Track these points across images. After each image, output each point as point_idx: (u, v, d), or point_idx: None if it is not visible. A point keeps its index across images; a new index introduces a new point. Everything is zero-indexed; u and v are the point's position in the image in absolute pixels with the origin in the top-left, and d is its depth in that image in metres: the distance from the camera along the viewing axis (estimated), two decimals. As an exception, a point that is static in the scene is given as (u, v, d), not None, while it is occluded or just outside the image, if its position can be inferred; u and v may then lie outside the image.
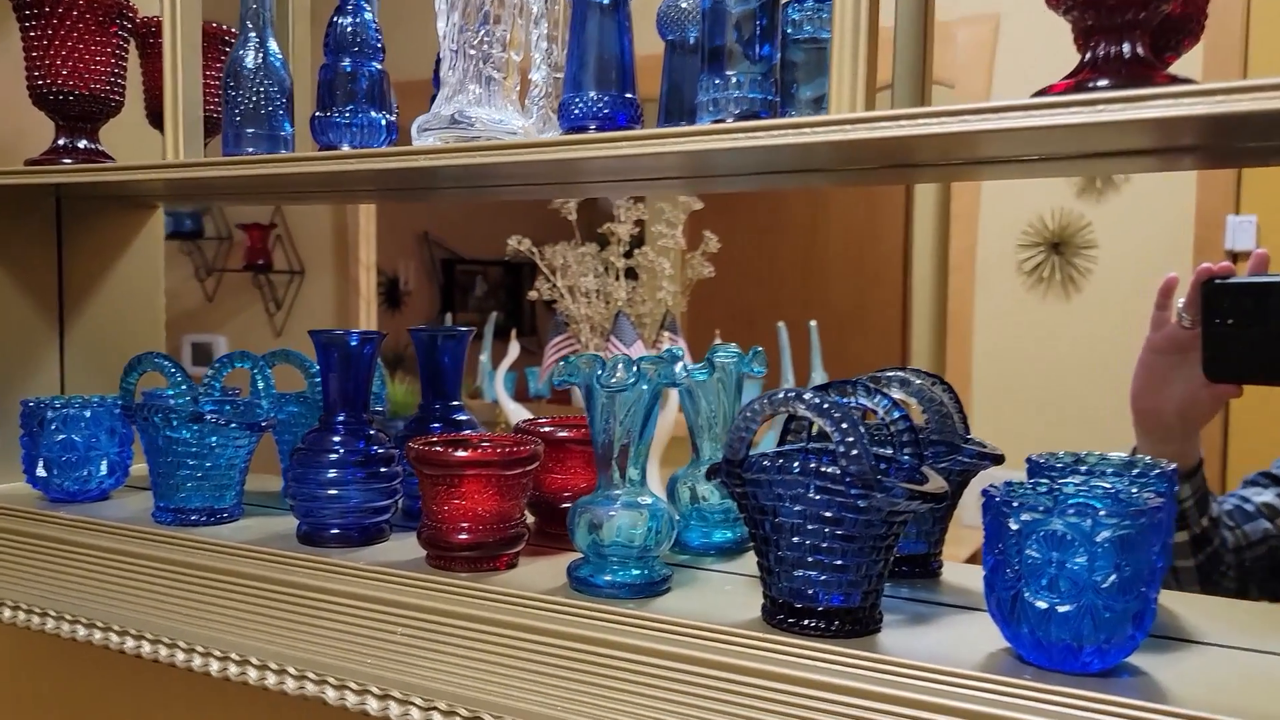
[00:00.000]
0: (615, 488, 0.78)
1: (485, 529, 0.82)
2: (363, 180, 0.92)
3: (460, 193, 0.98)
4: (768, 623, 0.70)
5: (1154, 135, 0.61)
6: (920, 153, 0.71)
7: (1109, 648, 0.60)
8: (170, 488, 0.94)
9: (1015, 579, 0.61)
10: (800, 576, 0.68)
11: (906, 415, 0.72)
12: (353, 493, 0.88)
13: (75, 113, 1.00)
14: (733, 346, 0.90)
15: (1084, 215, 2.57)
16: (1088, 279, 2.58)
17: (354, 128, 0.84)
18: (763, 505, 0.68)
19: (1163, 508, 0.61)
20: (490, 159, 0.74)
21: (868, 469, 0.64)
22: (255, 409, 0.96)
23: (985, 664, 0.63)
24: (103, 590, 0.92)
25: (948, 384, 0.82)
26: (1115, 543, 0.59)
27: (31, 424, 1.01)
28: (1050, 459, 0.75)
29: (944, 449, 0.79)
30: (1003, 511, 0.62)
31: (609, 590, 0.76)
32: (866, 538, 0.66)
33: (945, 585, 0.80)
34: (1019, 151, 0.70)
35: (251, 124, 0.89)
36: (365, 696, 0.76)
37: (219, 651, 0.83)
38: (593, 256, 2.02)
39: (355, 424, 0.90)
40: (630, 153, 0.70)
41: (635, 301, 2.06)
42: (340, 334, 0.88)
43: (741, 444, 0.69)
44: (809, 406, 0.66)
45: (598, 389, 0.76)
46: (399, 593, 0.80)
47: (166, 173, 0.88)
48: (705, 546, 0.89)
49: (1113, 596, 0.59)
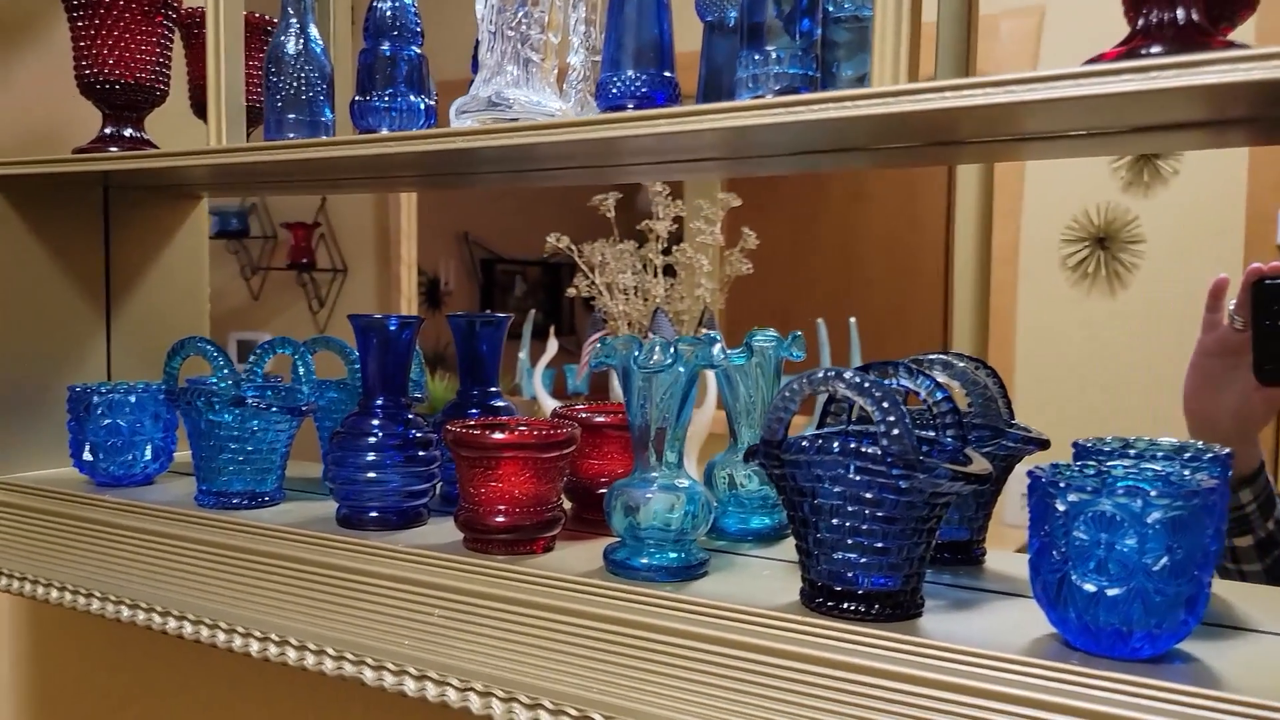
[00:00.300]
0: (652, 471, 0.77)
1: (522, 512, 0.82)
2: (403, 166, 0.92)
3: (499, 178, 0.98)
4: (806, 606, 0.69)
5: (1207, 105, 0.59)
6: (964, 128, 0.70)
7: (1160, 633, 0.58)
8: (212, 471, 0.95)
9: (1062, 561, 0.60)
10: (840, 559, 0.67)
11: (949, 397, 0.71)
12: (391, 476, 0.89)
13: (121, 102, 1.01)
14: (771, 331, 0.89)
15: (1130, 209, 2.52)
16: (1134, 274, 2.53)
17: (393, 112, 0.85)
18: (801, 487, 0.67)
19: (1216, 489, 0.59)
20: (528, 139, 0.73)
21: (909, 448, 0.63)
22: (296, 394, 0.97)
23: (1031, 649, 0.62)
24: (147, 572, 0.93)
25: (992, 368, 0.81)
26: (1167, 524, 0.57)
27: (78, 409, 1.02)
28: (1097, 443, 0.73)
29: (988, 433, 0.78)
30: (1049, 492, 0.60)
31: (645, 573, 0.75)
32: (908, 519, 0.65)
33: (989, 572, 0.79)
34: (1067, 126, 0.68)
35: (292, 110, 0.90)
36: (403, 677, 0.76)
37: (259, 632, 0.83)
38: (631, 253, 2.02)
39: (394, 408, 0.90)
40: (668, 130, 0.69)
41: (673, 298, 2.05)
42: (379, 318, 0.89)
43: (780, 425, 0.69)
44: (849, 385, 0.65)
45: (634, 370, 0.75)
46: (436, 575, 0.80)
47: (209, 159, 0.89)
48: (743, 532, 0.88)
49: (1164, 580, 0.57)
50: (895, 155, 0.83)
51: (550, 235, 2.10)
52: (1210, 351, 0.97)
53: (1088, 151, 0.77)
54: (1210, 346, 0.97)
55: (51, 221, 1.10)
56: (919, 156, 0.81)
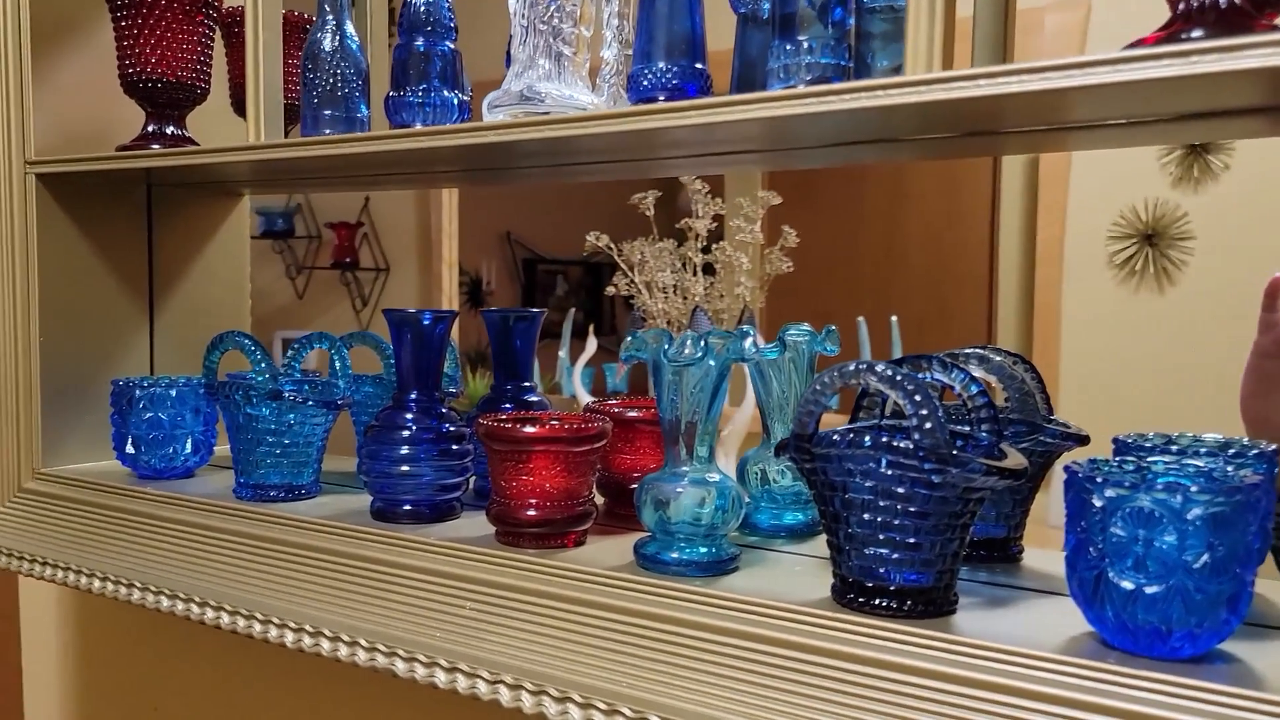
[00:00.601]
0: (682, 465, 0.77)
1: (553, 506, 0.82)
2: (441, 161, 0.92)
3: (538, 173, 0.98)
4: (838, 602, 0.68)
5: (1254, 90, 0.58)
6: (1004, 117, 0.69)
7: (1200, 632, 0.57)
8: (250, 464, 0.96)
9: (1099, 558, 0.59)
10: (871, 554, 0.66)
11: (985, 391, 0.70)
12: (424, 469, 0.89)
13: (163, 100, 1.03)
14: (805, 325, 0.88)
15: (1180, 206, 2.46)
16: (1183, 272, 2.47)
17: (427, 107, 0.85)
18: (832, 481, 0.67)
19: (1260, 485, 0.57)
20: (559, 133, 0.73)
21: (942, 443, 0.62)
22: (332, 388, 0.98)
23: (1067, 647, 0.60)
24: (185, 563, 0.94)
25: (1030, 363, 0.79)
26: (1207, 520, 0.56)
27: (120, 403, 1.04)
28: (1138, 438, 0.72)
29: (1025, 429, 0.76)
30: (1085, 487, 0.59)
31: (676, 568, 0.75)
32: (941, 515, 0.64)
33: (1026, 570, 0.77)
34: (1109, 114, 0.67)
35: (328, 106, 0.91)
36: (434, 669, 0.77)
37: (294, 623, 0.84)
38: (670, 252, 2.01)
39: (427, 402, 0.91)
40: (699, 122, 0.69)
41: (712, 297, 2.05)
42: (413, 313, 0.89)
43: (811, 418, 0.68)
44: (881, 378, 0.64)
45: (665, 364, 0.75)
46: (468, 568, 0.80)
47: (248, 155, 0.90)
48: (776, 528, 0.88)
49: (1205, 578, 0.56)
50: (935, 146, 0.81)
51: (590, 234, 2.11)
52: (1268, 353, 0.94)
53: (1132, 141, 0.75)
54: (1268, 348, 0.94)
55: (97, 219, 1.12)
56: (960, 148, 0.80)
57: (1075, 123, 0.71)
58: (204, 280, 1.23)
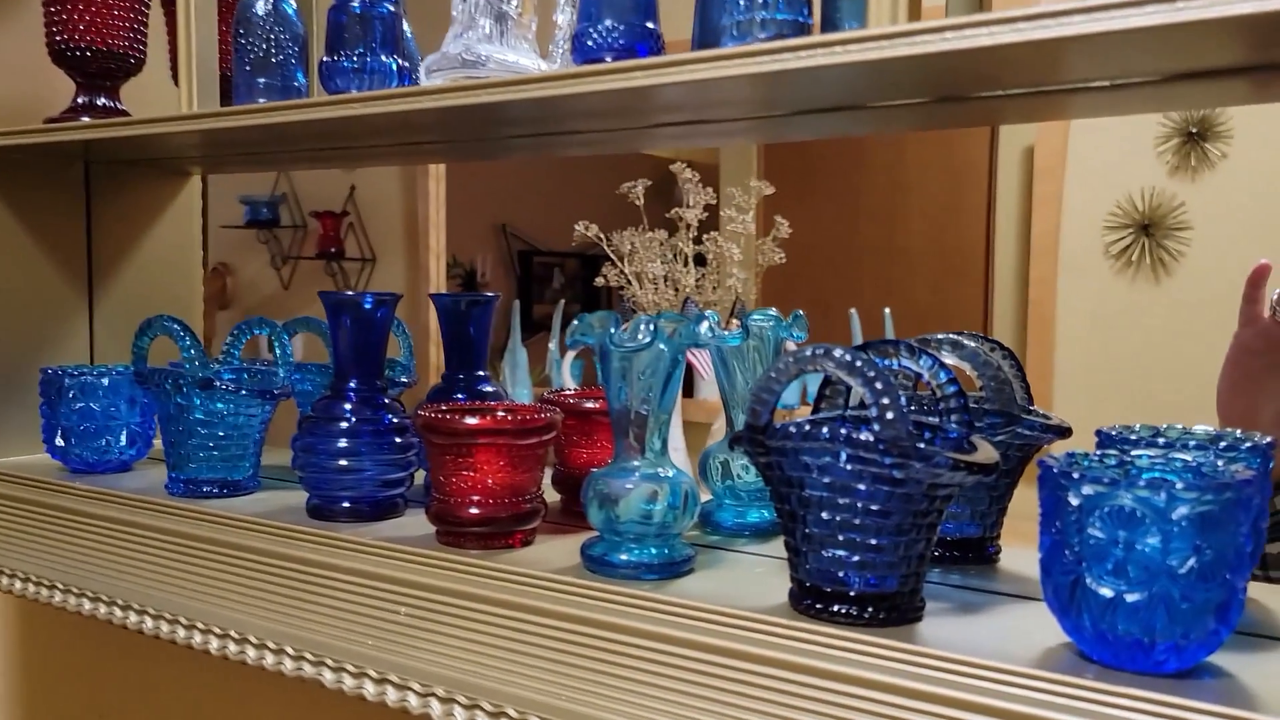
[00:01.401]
0: (633, 459, 0.71)
1: (497, 503, 0.76)
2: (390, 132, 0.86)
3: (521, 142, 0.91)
4: (794, 608, 0.62)
5: (1248, 42, 0.52)
6: (984, 78, 0.63)
7: (1187, 644, 0.51)
8: (182, 458, 0.90)
9: (1075, 562, 0.53)
10: (830, 557, 0.60)
11: (955, 379, 0.64)
12: (365, 464, 0.83)
13: (94, 70, 0.97)
14: (770, 310, 0.83)
15: (1177, 195, 2.41)
16: (1180, 262, 2.42)
17: (364, 73, 0.79)
18: (789, 476, 0.61)
19: (1253, 481, 0.52)
20: (493, 98, 0.68)
21: (904, 434, 0.56)
22: (271, 377, 0.92)
23: (1040, 660, 0.55)
24: (110, 563, 0.89)
25: (1008, 349, 0.74)
26: (1194, 521, 0.50)
27: (50, 392, 0.99)
28: (1124, 431, 0.66)
29: (1001, 420, 0.70)
30: (1061, 484, 0.53)
31: (625, 570, 0.69)
32: (905, 514, 0.58)
33: (1003, 572, 0.72)
34: (1094, 74, 0.61)
35: (262, 73, 0.85)
36: (363, 679, 0.71)
37: (219, 629, 0.78)
38: (660, 242, 1.96)
39: (368, 391, 0.85)
40: (645, 84, 0.63)
41: (704, 288, 2.00)
42: (351, 295, 0.83)
43: (764, 408, 0.62)
44: (839, 364, 0.59)
45: (612, 349, 0.69)
46: (404, 570, 0.75)
47: (171, 125, 0.84)
48: (739, 527, 0.82)
49: (1191, 584, 0.50)
50: (914, 114, 0.75)
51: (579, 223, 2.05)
52: (1250, 348, 0.87)
53: (1125, 108, 0.69)
54: (1250, 342, 0.87)
55: (29, 198, 1.07)
56: (940, 116, 0.74)
57: (1062, 84, 0.65)
58: (149, 265, 1.17)
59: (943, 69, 0.60)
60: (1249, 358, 0.87)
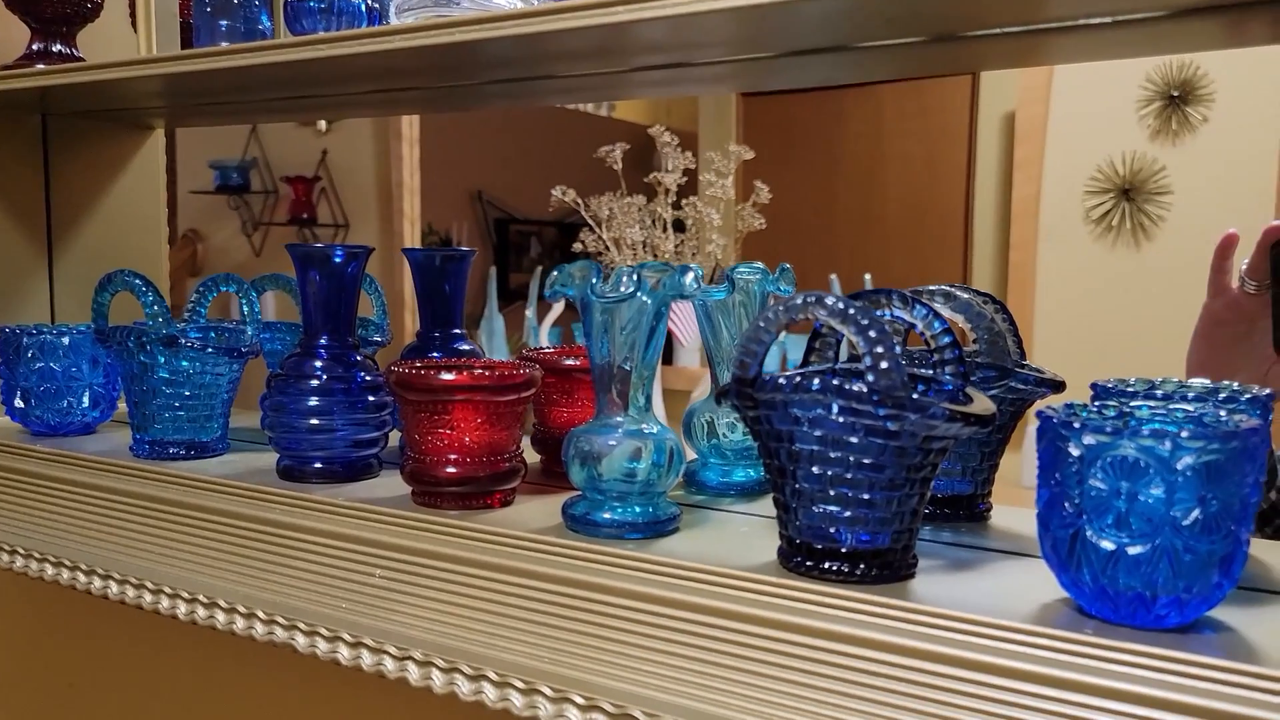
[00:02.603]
0: (615, 416, 0.69)
1: (475, 462, 0.73)
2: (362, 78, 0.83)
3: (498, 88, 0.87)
4: (784, 566, 0.60)
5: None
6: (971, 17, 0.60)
7: (1190, 598, 0.50)
8: (147, 419, 0.87)
9: (1075, 515, 0.51)
10: (821, 513, 0.58)
11: (949, 329, 0.62)
12: (337, 424, 0.81)
13: (49, 15, 0.93)
14: (757, 263, 0.80)
15: (1158, 159, 2.41)
16: (1160, 227, 2.42)
17: (331, 14, 0.76)
18: (777, 430, 0.59)
19: (1258, 430, 0.50)
20: (469, 35, 0.64)
21: (899, 384, 0.54)
22: (239, 334, 0.89)
23: (1038, 616, 0.53)
24: (74, 527, 0.86)
25: (1000, 302, 0.72)
26: (1200, 470, 0.48)
27: (7, 352, 0.95)
28: (1120, 383, 0.64)
29: (994, 374, 0.69)
30: (1061, 434, 0.51)
31: (608, 529, 0.67)
32: (898, 468, 0.56)
33: (995, 530, 0.70)
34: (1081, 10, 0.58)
35: (224, 15, 0.81)
36: (337, 644, 0.69)
37: (187, 593, 0.76)
38: (639, 208, 1.93)
39: (340, 349, 0.82)
40: (625, 19, 0.60)
41: (683, 254, 1.97)
42: (321, 248, 0.80)
43: (753, 360, 0.60)
44: (831, 312, 0.56)
45: (593, 301, 0.67)
46: (378, 531, 0.72)
47: (129, 70, 0.80)
48: (724, 486, 0.80)
49: (1195, 536, 0.49)
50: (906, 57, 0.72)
51: (556, 189, 2.01)
52: (1220, 319, 0.85)
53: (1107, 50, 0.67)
54: (1219, 313, 0.85)
55: (-16, 151, 1.02)
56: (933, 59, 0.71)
57: (1049, 21, 0.62)
58: (112, 221, 1.13)
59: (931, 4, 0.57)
60: (1218, 328, 0.85)
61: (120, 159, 1.13)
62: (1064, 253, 2.56)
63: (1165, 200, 2.44)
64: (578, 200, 1.95)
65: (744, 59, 0.74)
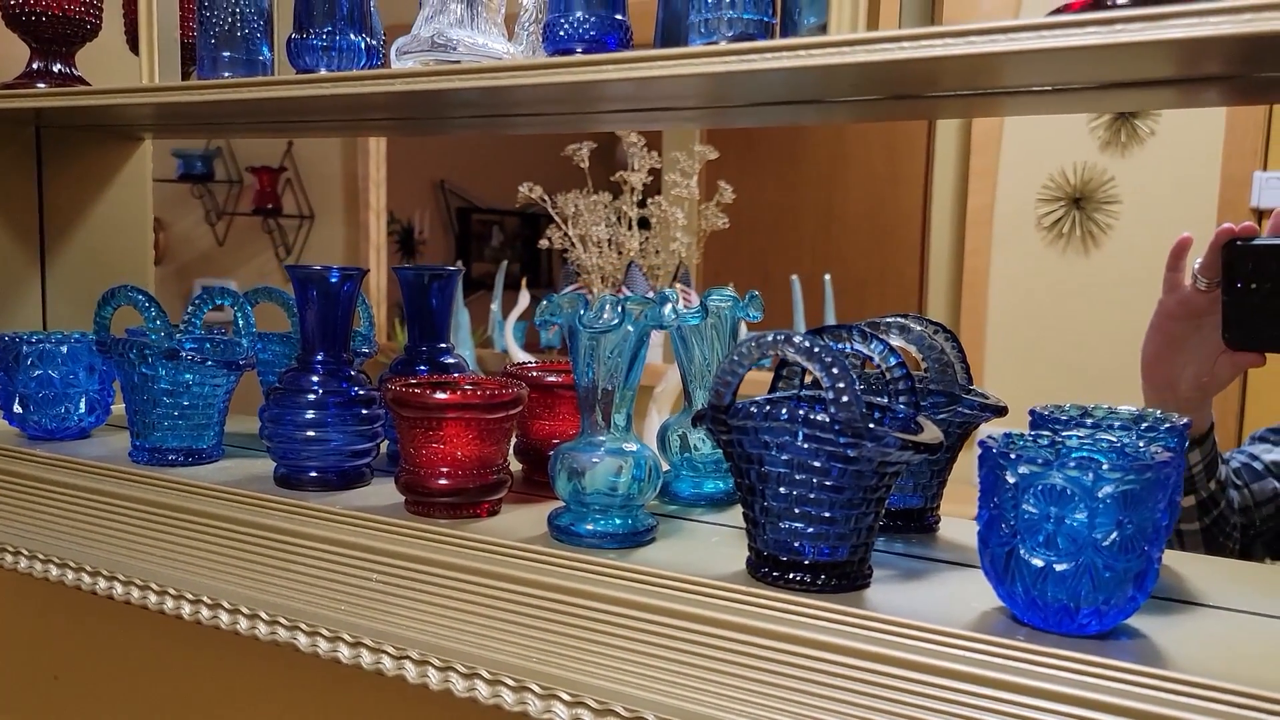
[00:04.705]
0: (599, 434, 0.74)
1: (466, 475, 0.79)
2: (353, 109, 0.87)
3: (469, 123, 0.93)
4: (752, 576, 0.67)
5: (1178, 61, 0.57)
6: (934, 81, 0.67)
7: (1108, 609, 0.57)
8: (147, 426, 0.91)
9: (1010, 535, 0.58)
10: (786, 528, 0.65)
11: (903, 362, 0.68)
12: (332, 435, 0.85)
13: (49, 35, 0.96)
14: (728, 290, 0.86)
15: (1107, 170, 2.50)
16: (1109, 235, 2.52)
17: (333, 51, 0.80)
18: (749, 453, 0.65)
19: (1170, 463, 0.57)
20: (470, 83, 0.70)
21: (858, 416, 0.60)
22: (234, 347, 0.93)
23: (977, 623, 0.60)
24: (77, 530, 0.90)
25: (951, 332, 0.78)
26: (1118, 498, 0.55)
27: (6, 359, 0.98)
28: (1055, 411, 0.71)
29: (944, 399, 0.75)
30: (999, 464, 0.58)
31: (590, 540, 0.73)
32: (856, 489, 0.63)
33: (942, 541, 0.77)
34: (1034, 80, 0.65)
35: (227, 47, 0.85)
36: (337, 644, 0.74)
37: (190, 594, 0.80)
38: (605, 205, 1.98)
39: (335, 364, 0.87)
40: (615, 77, 0.66)
41: (648, 252, 2.02)
42: (319, 269, 0.85)
43: (728, 389, 0.66)
44: (798, 350, 0.63)
45: (580, 330, 0.72)
46: (375, 538, 0.77)
47: (137, 98, 0.84)
48: (696, 497, 0.86)
49: (1113, 555, 0.56)
50: (867, 109, 0.79)
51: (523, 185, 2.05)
52: (1173, 314, 0.94)
53: (1058, 108, 0.74)
54: (1173, 309, 0.94)
55: (-20, 163, 1.05)
56: (891, 110, 0.78)
57: (1004, 88, 0.69)
58: (101, 229, 1.17)
59: (894, 73, 0.64)
60: (1171, 322, 0.94)
61: (111, 168, 1.16)
62: (1017, 258, 2.65)
63: (1113, 209, 2.54)
64: (544, 196, 2.00)
65: (711, 108, 0.80)
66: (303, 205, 3.72)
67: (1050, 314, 2.54)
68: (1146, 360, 0.97)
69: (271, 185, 3.70)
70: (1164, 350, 0.95)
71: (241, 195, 3.80)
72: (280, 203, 3.71)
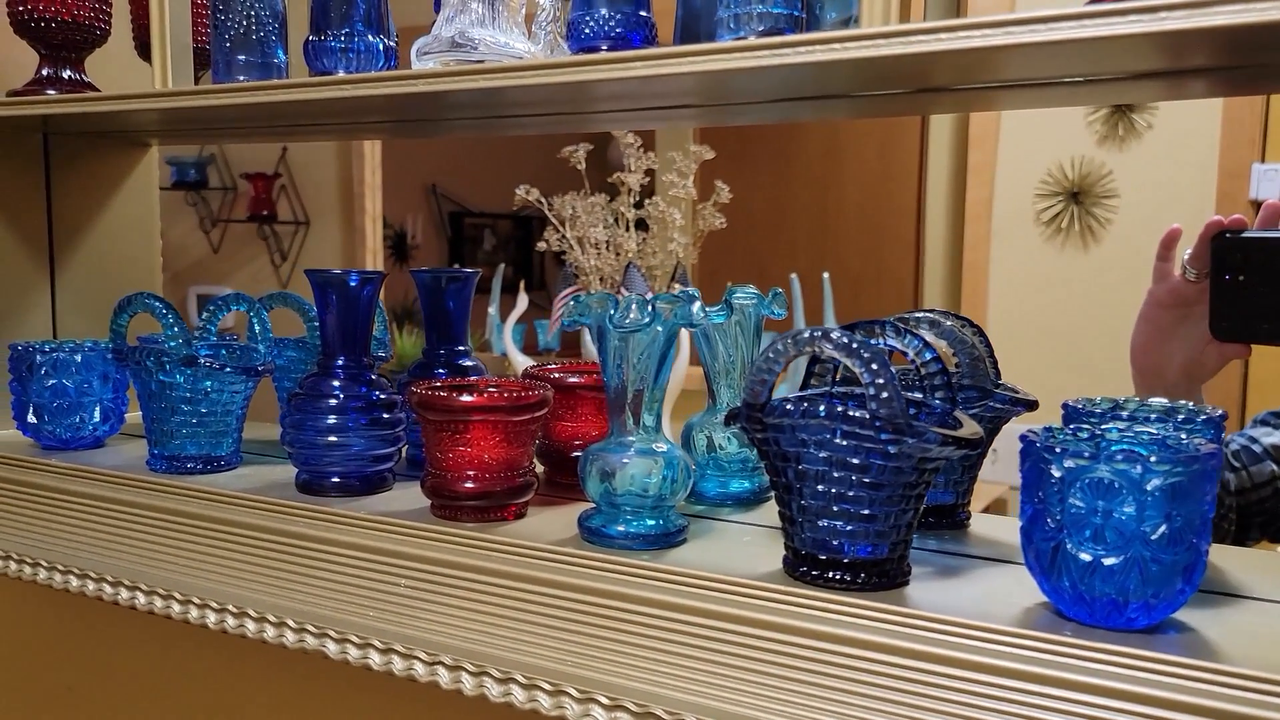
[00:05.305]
0: (628, 434, 0.74)
1: (492, 477, 0.78)
2: (364, 111, 0.87)
3: (467, 124, 0.93)
4: (790, 575, 0.66)
5: (1171, 53, 0.56)
6: (941, 74, 0.66)
7: (1156, 602, 0.56)
8: (164, 434, 0.90)
9: (1056, 530, 0.57)
10: (825, 527, 0.64)
11: (939, 357, 0.68)
12: (354, 439, 0.85)
13: (58, 41, 0.95)
14: (751, 288, 0.86)
15: (1105, 164, 2.51)
16: (1107, 229, 2.52)
17: (350, 53, 0.79)
18: (785, 452, 0.64)
19: (1215, 454, 0.57)
20: (494, 83, 0.69)
21: (899, 412, 0.60)
22: (252, 353, 0.92)
23: (1022, 619, 0.59)
24: (96, 540, 0.89)
25: (978, 327, 0.78)
26: (1166, 491, 0.55)
27: (20, 369, 0.97)
28: (1088, 404, 0.71)
29: (975, 394, 0.75)
30: (1044, 458, 0.58)
31: (622, 541, 0.72)
32: (896, 486, 0.62)
33: (974, 537, 0.77)
34: (1035, 74, 0.65)
35: (242, 50, 0.84)
36: (367, 650, 0.73)
37: (216, 603, 0.79)
38: (602, 207, 1.97)
39: (356, 368, 0.86)
40: (645, 74, 0.65)
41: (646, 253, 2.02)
42: (339, 274, 0.84)
43: (763, 387, 0.65)
44: (836, 346, 0.62)
45: (610, 330, 0.72)
46: (402, 543, 0.77)
47: (153, 103, 0.83)
48: (722, 496, 0.86)
49: (1162, 548, 0.55)
50: (878, 103, 0.79)
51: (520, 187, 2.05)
52: (1162, 303, 0.95)
53: (1057, 101, 0.73)
54: (1162, 298, 0.95)
55: (-10, 170, 1.04)
56: (905, 105, 0.77)
57: (1006, 81, 0.69)
58: (110, 235, 1.15)
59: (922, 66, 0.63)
60: (1160, 311, 0.95)
61: (119, 175, 1.15)
62: (1016, 253, 2.66)
63: (1111, 203, 2.54)
64: (541, 199, 1.99)
65: (708, 105, 0.79)
66: (298, 211, 3.71)
67: (1050, 309, 2.54)
68: (1135, 348, 0.97)
69: (266, 192, 3.68)
70: (1153, 338, 0.96)
71: (235, 202, 3.78)
72: (275, 209, 3.69)
